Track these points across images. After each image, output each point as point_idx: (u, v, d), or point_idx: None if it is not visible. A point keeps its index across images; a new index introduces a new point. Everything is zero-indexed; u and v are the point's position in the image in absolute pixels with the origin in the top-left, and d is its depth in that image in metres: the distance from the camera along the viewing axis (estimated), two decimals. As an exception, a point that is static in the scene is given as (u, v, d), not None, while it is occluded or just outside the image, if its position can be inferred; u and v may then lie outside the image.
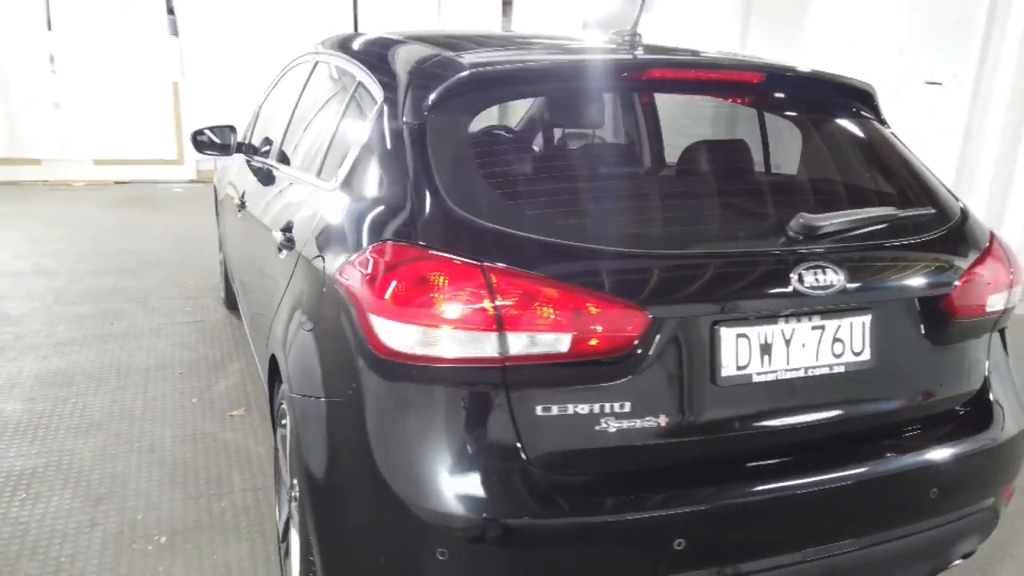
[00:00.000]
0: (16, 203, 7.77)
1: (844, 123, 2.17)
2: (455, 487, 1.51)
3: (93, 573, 2.36)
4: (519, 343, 1.50)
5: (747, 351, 1.65)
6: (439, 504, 1.51)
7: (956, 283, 1.84)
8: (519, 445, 1.53)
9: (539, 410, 1.54)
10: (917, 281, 1.83)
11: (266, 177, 2.99)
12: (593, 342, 1.53)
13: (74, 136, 8.80)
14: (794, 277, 1.64)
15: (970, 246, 1.92)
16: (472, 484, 1.52)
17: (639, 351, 1.56)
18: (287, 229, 2.24)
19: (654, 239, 1.69)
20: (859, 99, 2.18)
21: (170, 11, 9.04)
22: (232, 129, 3.61)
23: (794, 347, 1.69)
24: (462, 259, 1.52)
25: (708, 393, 1.64)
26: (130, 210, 7.74)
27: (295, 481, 1.88)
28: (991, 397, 1.98)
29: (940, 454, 1.83)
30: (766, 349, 1.66)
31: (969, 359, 1.96)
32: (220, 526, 2.62)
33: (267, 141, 3.33)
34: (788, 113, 2.28)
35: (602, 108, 2.23)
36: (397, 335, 1.52)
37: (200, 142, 3.53)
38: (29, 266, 5.57)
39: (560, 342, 1.51)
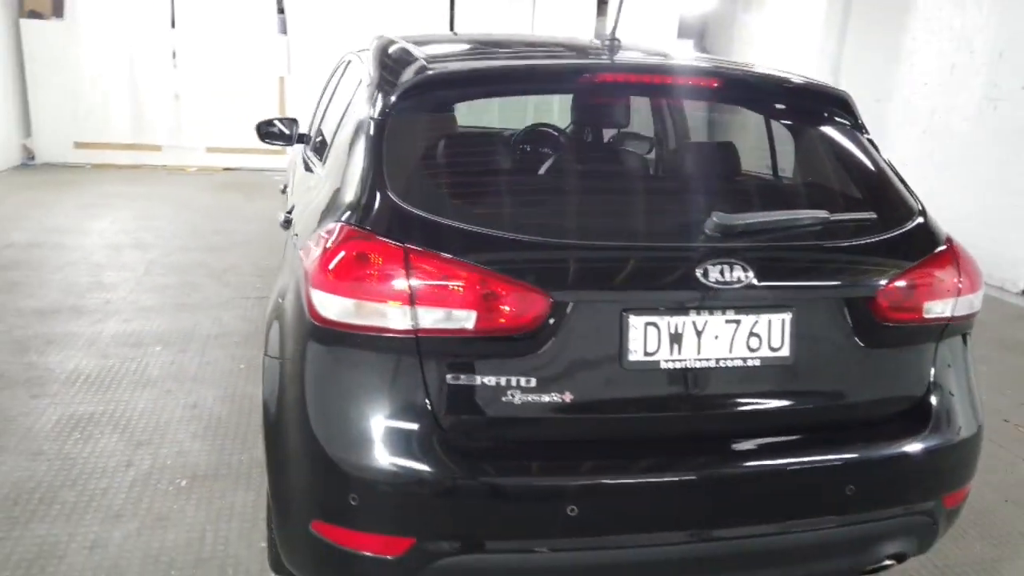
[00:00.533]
0: (135, 184, 8.56)
1: (816, 128, 2.20)
2: (367, 442, 1.69)
3: (120, 504, 2.71)
4: (429, 317, 1.67)
5: (656, 339, 1.75)
6: (353, 456, 1.70)
7: (881, 287, 1.86)
8: (429, 409, 1.71)
9: (449, 378, 1.70)
10: (838, 283, 1.87)
11: (302, 164, 3.29)
12: (499, 321, 1.68)
13: (190, 125, 9.61)
14: (699, 272, 1.73)
15: (908, 252, 1.92)
16: (383, 440, 1.69)
17: (544, 332, 1.69)
18: (289, 211, 2.51)
19: (565, 230, 1.81)
20: (835, 105, 2.20)
21: (280, 11, 9.69)
22: (294, 121, 3.95)
23: (706, 338, 1.78)
24: (389, 241, 1.71)
25: (614, 375, 1.75)
26: (231, 194, 8.39)
27: None
28: (932, 403, 1.97)
29: (859, 453, 1.86)
30: (676, 338, 1.76)
31: (907, 364, 1.96)
32: (234, 476, 2.92)
33: (315, 132, 3.64)
34: (765, 117, 2.34)
35: (554, 108, 2.36)
36: (328, 304, 1.72)
37: (268, 132, 3.87)
38: (130, 240, 6.19)
39: (467, 319, 1.67)
